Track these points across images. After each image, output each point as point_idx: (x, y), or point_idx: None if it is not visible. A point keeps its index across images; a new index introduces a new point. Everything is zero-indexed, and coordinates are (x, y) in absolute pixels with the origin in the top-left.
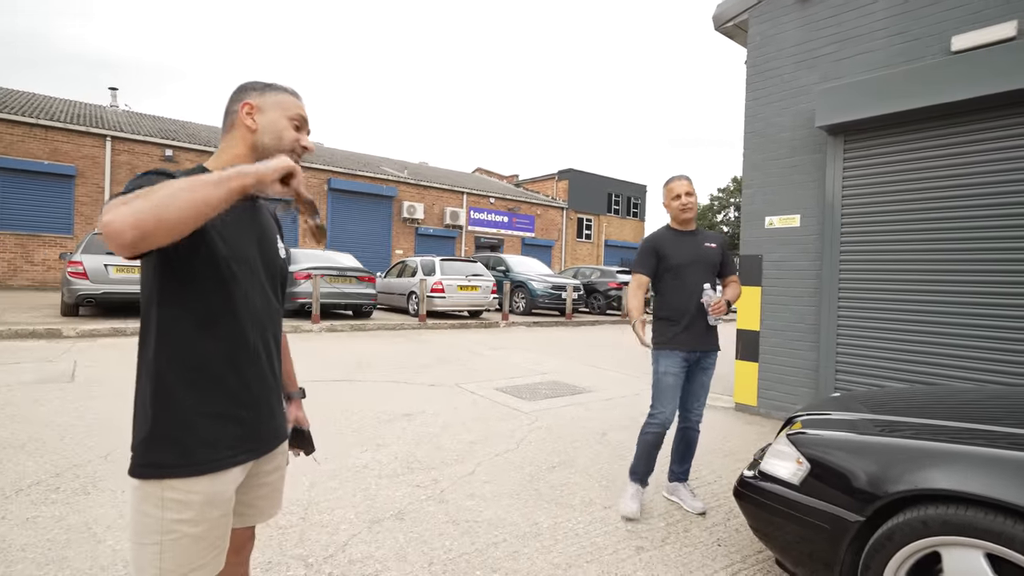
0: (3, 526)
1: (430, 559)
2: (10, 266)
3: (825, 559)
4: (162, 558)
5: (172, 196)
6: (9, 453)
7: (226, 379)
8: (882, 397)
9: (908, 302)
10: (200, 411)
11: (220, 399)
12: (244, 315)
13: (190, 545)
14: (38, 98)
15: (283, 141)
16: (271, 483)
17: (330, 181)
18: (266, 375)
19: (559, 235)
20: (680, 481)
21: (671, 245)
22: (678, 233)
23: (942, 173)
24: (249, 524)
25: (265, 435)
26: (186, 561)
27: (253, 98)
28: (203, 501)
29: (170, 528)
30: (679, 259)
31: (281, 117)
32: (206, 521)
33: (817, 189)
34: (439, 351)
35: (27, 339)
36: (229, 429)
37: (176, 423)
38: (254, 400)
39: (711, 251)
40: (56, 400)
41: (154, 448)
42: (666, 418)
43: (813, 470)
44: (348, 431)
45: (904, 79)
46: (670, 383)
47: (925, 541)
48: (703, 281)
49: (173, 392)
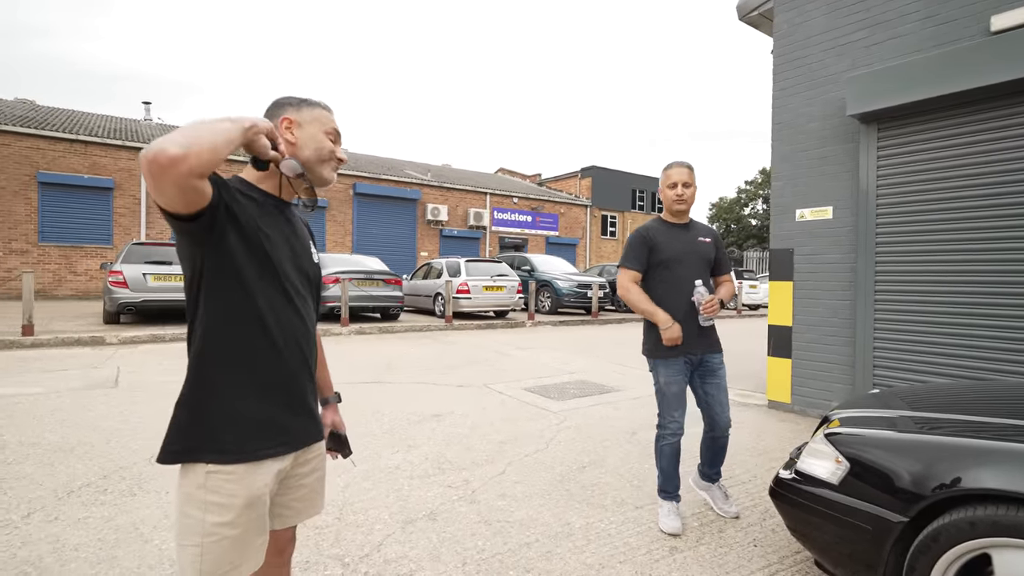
0: (57, 526)
1: (463, 559)
2: (55, 277)
3: (867, 560)
4: (203, 560)
5: (199, 123)
6: (60, 456)
7: (260, 374)
8: (923, 393)
9: (949, 294)
10: (233, 403)
11: (253, 392)
12: (281, 315)
13: (229, 547)
14: (77, 114)
15: (323, 153)
16: (309, 485)
17: (355, 186)
18: (300, 374)
19: (583, 233)
20: (712, 481)
21: (663, 238)
22: (670, 225)
23: (983, 159)
24: (289, 525)
25: (297, 431)
26: (225, 562)
27: (291, 113)
28: (243, 504)
29: (211, 531)
30: (670, 252)
31: (319, 131)
32: (244, 524)
33: (850, 180)
34: (466, 352)
35: (73, 347)
36: (261, 421)
37: (210, 413)
38: (286, 396)
39: (705, 246)
40: (102, 405)
41: (189, 435)
42: (678, 427)
43: (853, 469)
44: (379, 432)
45: (941, 62)
46: (675, 391)
47: (974, 543)
48: (695, 277)
49: (208, 383)
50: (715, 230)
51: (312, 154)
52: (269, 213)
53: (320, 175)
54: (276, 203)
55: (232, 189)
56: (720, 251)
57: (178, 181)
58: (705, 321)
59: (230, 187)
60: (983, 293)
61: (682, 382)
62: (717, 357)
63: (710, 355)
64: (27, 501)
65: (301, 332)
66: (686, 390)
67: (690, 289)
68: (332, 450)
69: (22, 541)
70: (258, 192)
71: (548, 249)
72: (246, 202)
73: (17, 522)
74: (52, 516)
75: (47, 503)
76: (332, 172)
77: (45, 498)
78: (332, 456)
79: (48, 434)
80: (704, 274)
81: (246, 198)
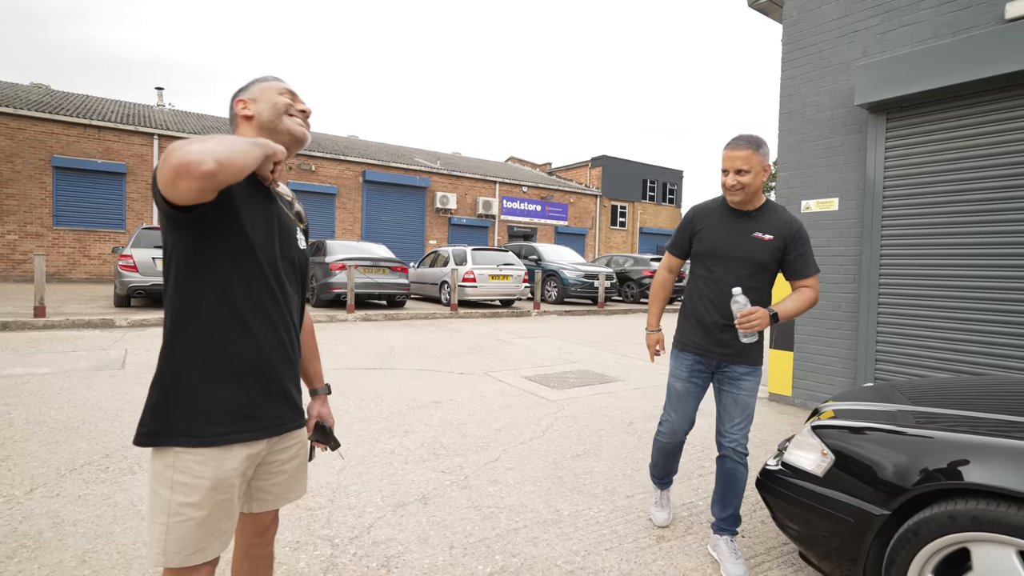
0: (57, 502)
1: (451, 543)
2: (69, 260)
3: (850, 554)
4: (167, 538)
5: (234, 142)
6: (65, 435)
7: (232, 358)
8: (921, 387)
9: (955, 288)
10: (203, 386)
11: (224, 376)
12: (257, 300)
13: (195, 528)
14: (91, 100)
15: (278, 107)
16: (288, 471)
17: (365, 173)
18: (277, 360)
19: (593, 223)
20: (721, 533)
21: (710, 224)
22: (729, 211)
23: (993, 151)
24: (268, 509)
25: (270, 418)
26: (190, 543)
27: (243, 94)
28: (209, 487)
29: (176, 510)
30: (709, 243)
31: (272, 94)
32: (210, 505)
33: (857, 171)
34: (470, 340)
35: (83, 329)
36: (231, 406)
37: (180, 396)
38: (261, 381)
39: (760, 244)
40: (108, 386)
41: (159, 414)
42: (673, 427)
43: (838, 462)
44: (378, 418)
45: (951, 51)
46: (677, 389)
47: (953, 537)
48: (734, 278)
49: (180, 366)
50: (794, 223)
51: (270, 112)
52: (253, 197)
53: (287, 128)
54: (261, 189)
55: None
56: (792, 250)
57: (202, 189)
58: (745, 337)
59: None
60: (989, 288)
61: (686, 382)
62: (741, 368)
63: (730, 365)
64: (30, 477)
65: (279, 318)
66: (692, 394)
67: (727, 295)
68: (318, 442)
69: (23, 516)
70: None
71: (557, 239)
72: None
73: (20, 497)
74: (54, 492)
75: (49, 480)
76: (299, 125)
77: (48, 475)
78: (321, 448)
79: (54, 413)
80: (756, 278)
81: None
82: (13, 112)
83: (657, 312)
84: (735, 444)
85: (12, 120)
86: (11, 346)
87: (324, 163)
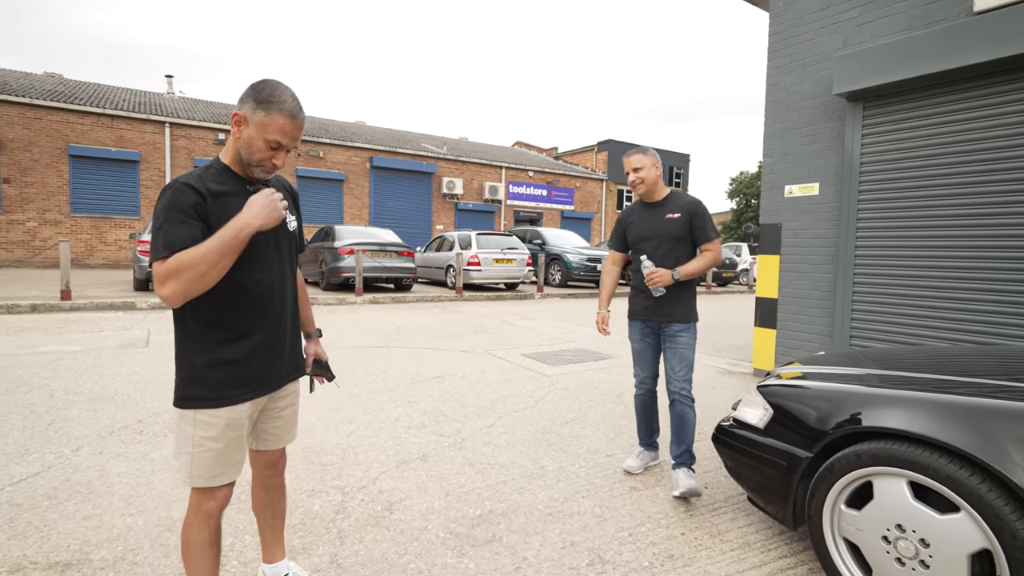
0: (102, 458)
1: (446, 491)
2: (87, 246)
3: (783, 492)
4: (192, 465)
5: (211, 265)
6: (101, 404)
7: (237, 329)
8: (869, 353)
9: (924, 268)
10: (218, 359)
11: (232, 346)
12: (254, 277)
13: (214, 458)
14: (103, 88)
15: (252, 158)
16: (285, 417)
17: (372, 159)
18: (275, 325)
19: (599, 207)
20: (679, 467)
21: (635, 219)
22: (644, 206)
23: (961, 138)
24: (271, 448)
25: (273, 377)
26: (209, 469)
27: (246, 110)
28: (224, 424)
29: (199, 442)
30: (636, 232)
31: (259, 138)
32: (225, 439)
33: (836, 157)
34: (473, 321)
35: (107, 311)
36: (242, 373)
37: (202, 368)
38: (265, 345)
39: (671, 221)
40: (135, 362)
41: (188, 386)
42: (639, 381)
43: (775, 415)
44: (384, 390)
45: (923, 42)
46: (636, 349)
47: (859, 472)
48: (660, 254)
49: (198, 343)
50: (693, 202)
51: (245, 154)
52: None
53: (250, 173)
54: (248, 184)
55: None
56: (696, 221)
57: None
58: (655, 292)
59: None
60: (957, 268)
61: (642, 342)
62: (676, 327)
63: (667, 324)
64: (75, 438)
65: (275, 289)
66: (647, 351)
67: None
68: (317, 375)
69: (73, 468)
70: (232, 176)
71: (563, 223)
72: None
73: (68, 455)
74: (97, 451)
75: (92, 440)
76: (261, 174)
77: (90, 436)
78: (319, 381)
79: (90, 385)
80: (676, 250)
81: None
82: (30, 102)
83: (606, 296)
84: (679, 388)
85: (29, 110)
86: (42, 327)
87: (332, 149)
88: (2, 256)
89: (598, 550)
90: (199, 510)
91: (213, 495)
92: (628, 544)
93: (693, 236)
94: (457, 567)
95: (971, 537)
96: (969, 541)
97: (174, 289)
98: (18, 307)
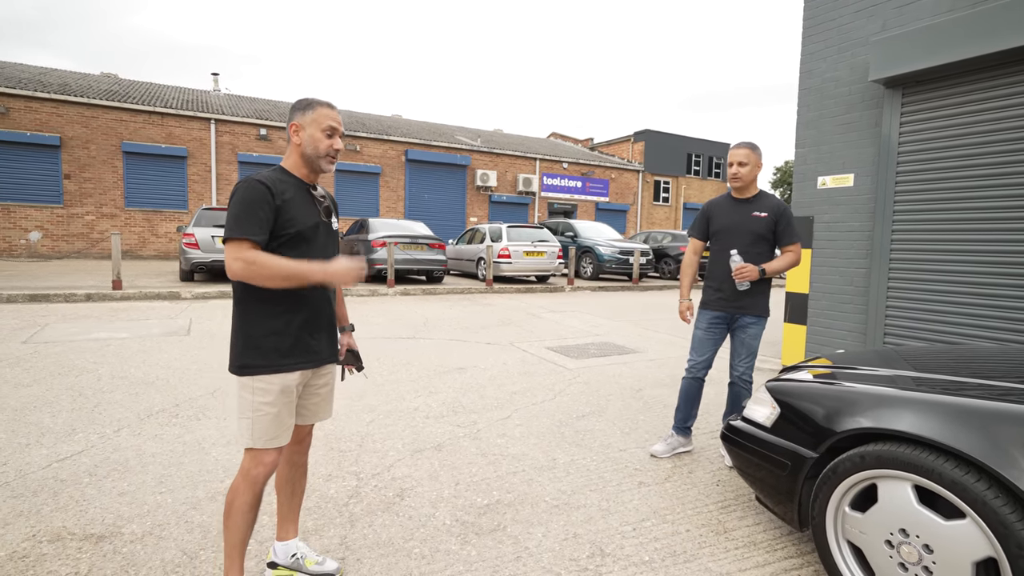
0: (139, 439)
1: (457, 480)
2: (140, 239)
3: (788, 492)
4: (253, 427)
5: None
6: (142, 388)
7: (289, 307)
8: (902, 351)
9: (963, 263)
10: (271, 330)
11: (284, 322)
12: None
13: (271, 421)
14: (154, 87)
15: (319, 150)
16: (322, 394)
17: (407, 152)
18: (323, 308)
19: (635, 199)
20: None
21: (721, 211)
22: (733, 200)
23: (1008, 126)
24: (307, 423)
25: (321, 351)
26: (268, 431)
27: (297, 119)
28: (278, 391)
29: (258, 407)
30: (720, 224)
31: (317, 130)
32: (279, 404)
33: (872, 146)
34: (501, 313)
35: (154, 300)
36: (294, 344)
37: (258, 338)
38: (312, 322)
39: (758, 220)
40: (176, 349)
41: (245, 355)
42: (692, 365)
43: (783, 413)
44: (406, 380)
45: (967, 23)
46: (699, 336)
47: (863, 474)
48: (739, 248)
49: (256, 317)
50: (781, 204)
51: (311, 151)
52: (300, 192)
53: (318, 168)
54: (304, 185)
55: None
56: (782, 223)
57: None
58: (740, 286)
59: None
60: (997, 263)
61: (708, 331)
62: (748, 318)
63: (741, 315)
64: (117, 420)
65: None
66: (709, 340)
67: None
68: (349, 364)
69: (113, 448)
70: (292, 179)
71: (598, 215)
72: (284, 189)
73: (110, 435)
74: (136, 432)
75: (132, 423)
76: (328, 164)
77: (130, 419)
78: (349, 371)
79: (133, 370)
80: (756, 246)
81: (284, 185)
82: (87, 101)
83: (687, 285)
84: (742, 373)
85: (87, 109)
86: (95, 314)
87: (368, 143)
88: (64, 247)
89: (600, 543)
90: (247, 475)
91: (262, 460)
92: (631, 538)
93: (777, 237)
94: (459, 553)
95: (976, 545)
96: (974, 549)
97: (240, 271)
98: (75, 296)
